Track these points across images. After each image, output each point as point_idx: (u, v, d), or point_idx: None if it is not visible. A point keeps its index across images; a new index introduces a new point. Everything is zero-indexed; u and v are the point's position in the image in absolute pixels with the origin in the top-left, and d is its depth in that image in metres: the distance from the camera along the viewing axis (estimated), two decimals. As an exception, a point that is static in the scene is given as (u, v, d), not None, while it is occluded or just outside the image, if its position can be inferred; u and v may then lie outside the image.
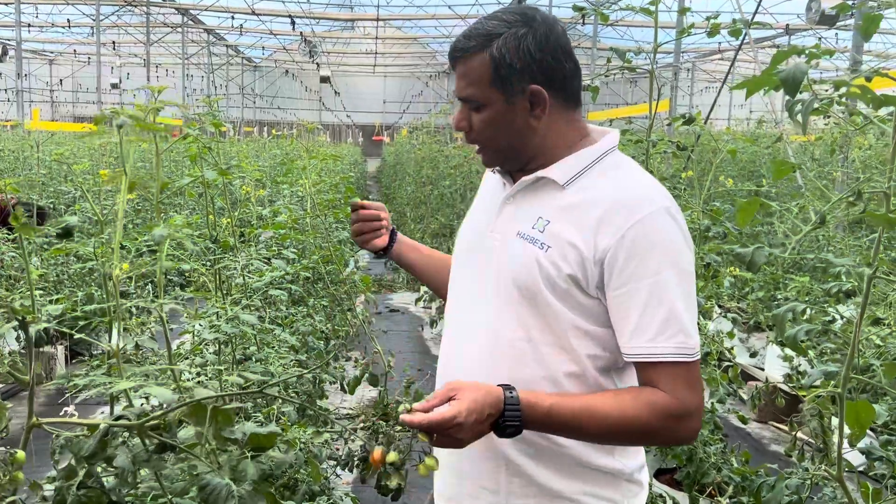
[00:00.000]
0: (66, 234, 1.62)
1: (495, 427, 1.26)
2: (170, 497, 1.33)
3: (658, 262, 1.30)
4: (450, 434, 1.23)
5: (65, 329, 1.53)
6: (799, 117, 1.19)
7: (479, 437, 1.27)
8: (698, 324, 3.30)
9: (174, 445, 1.22)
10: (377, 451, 1.25)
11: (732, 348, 3.38)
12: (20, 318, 1.19)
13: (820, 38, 14.16)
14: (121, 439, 1.22)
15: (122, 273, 1.23)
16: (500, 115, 1.39)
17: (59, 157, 2.04)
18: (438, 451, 1.53)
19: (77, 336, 1.54)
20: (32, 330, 1.23)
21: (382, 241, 1.75)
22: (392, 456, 1.23)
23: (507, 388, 1.28)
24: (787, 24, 16.16)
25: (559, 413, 1.28)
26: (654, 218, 1.32)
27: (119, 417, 1.20)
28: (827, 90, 1.04)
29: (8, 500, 1.17)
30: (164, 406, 1.23)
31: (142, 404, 1.73)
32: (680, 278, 1.32)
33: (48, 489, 1.24)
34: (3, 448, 1.19)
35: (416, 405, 1.25)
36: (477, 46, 1.38)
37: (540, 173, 1.43)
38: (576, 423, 1.30)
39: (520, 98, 1.38)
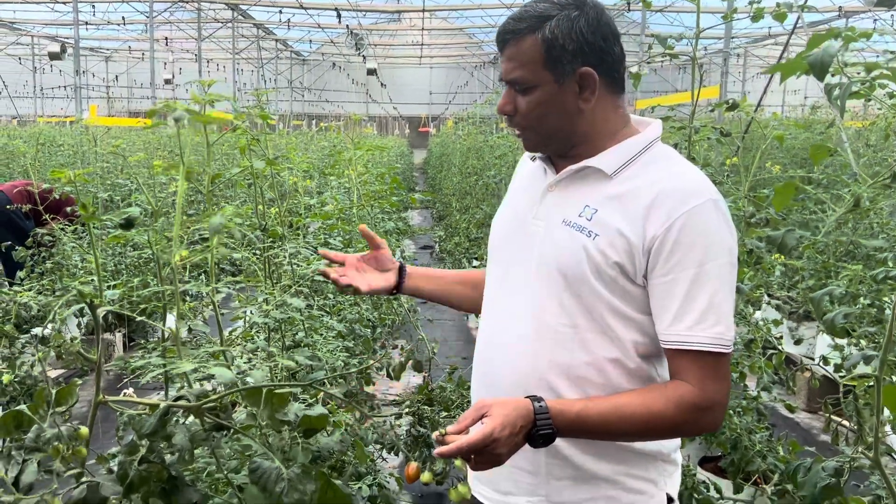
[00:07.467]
0: (128, 224, 1.69)
1: (529, 437, 1.30)
2: (225, 474, 1.40)
3: (703, 253, 1.32)
4: (488, 451, 1.25)
5: (126, 312, 1.62)
6: (837, 101, 1.19)
7: (515, 451, 1.29)
8: (743, 312, 3.28)
9: (230, 426, 1.28)
10: (411, 467, 1.27)
11: (780, 336, 3.34)
12: (88, 300, 1.27)
13: (876, 21, 13.71)
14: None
15: (180, 260, 1.30)
16: (550, 96, 1.39)
17: (115, 148, 2.13)
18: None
19: (138, 319, 1.62)
20: (100, 312, 1.31)
21: (387, 280, 1.72)
22: (426, 476, 1.26)
23: (534, 399, 1.31)
24: (841, 7, 15.67)
25: (588, 416, 1.32)
26: (702, 210, 1.33)
27: (179, 398, 1.26)
28: (859, 73, 1.04)
29: (74, 471, 1.25)
30: (222, 388, 1.28)
31: (197, 387, 1.81)
32: (722, 270, 1.33)
33: (114, 464, 1.31)
34: (69, 424, 1.27)
35: (449, 429, 1.27)
36: (528, 28, 1.38)
37: (586, 162, 1.43)
38: (605, 425, 1.33)
39: (570, 80, 1.38)
